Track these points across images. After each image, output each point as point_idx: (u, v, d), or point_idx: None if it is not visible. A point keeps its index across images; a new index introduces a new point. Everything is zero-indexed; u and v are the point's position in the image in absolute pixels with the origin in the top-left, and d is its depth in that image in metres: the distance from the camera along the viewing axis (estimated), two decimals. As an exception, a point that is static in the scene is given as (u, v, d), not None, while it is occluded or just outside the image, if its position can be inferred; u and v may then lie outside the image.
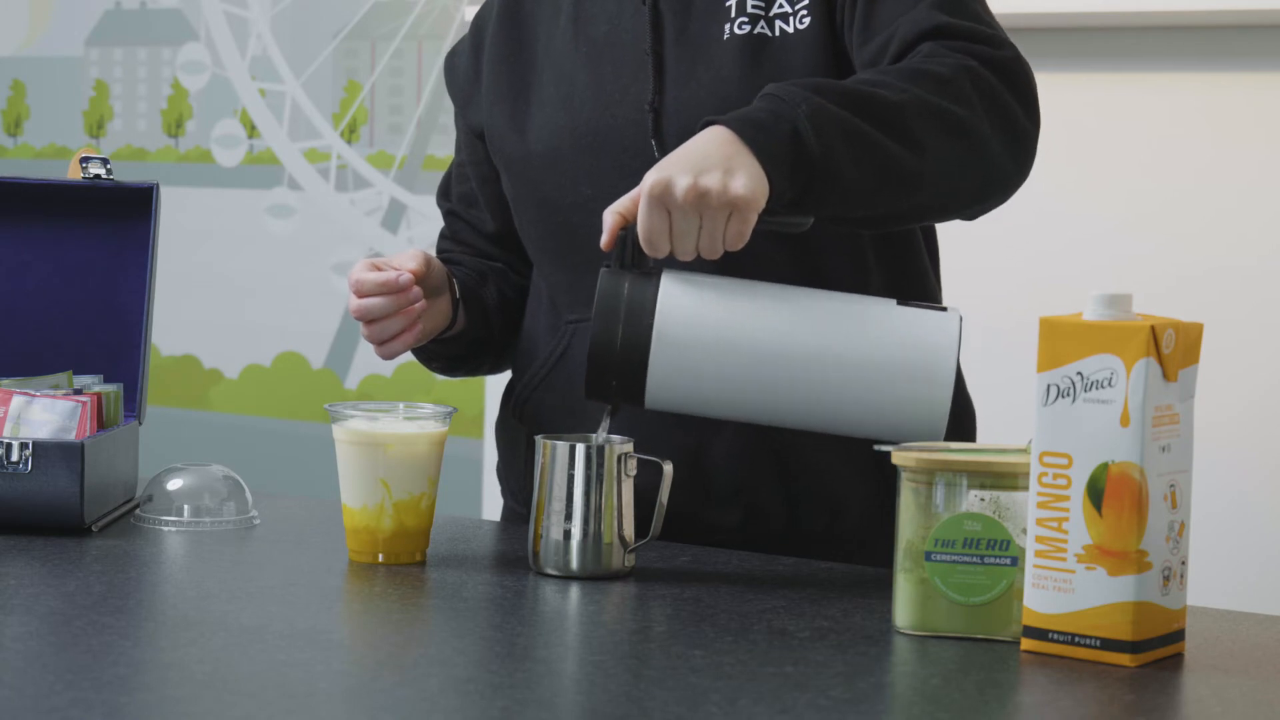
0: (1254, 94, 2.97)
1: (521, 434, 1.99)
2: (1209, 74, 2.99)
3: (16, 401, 1.96)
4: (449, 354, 2.04)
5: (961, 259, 2.35)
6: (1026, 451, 1.51)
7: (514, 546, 1.88)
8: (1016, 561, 1.52)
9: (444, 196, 2.13)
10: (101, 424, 1.99)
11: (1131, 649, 1.45)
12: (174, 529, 1.91)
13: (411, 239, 3.75)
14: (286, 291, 3.90)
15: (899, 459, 1.54)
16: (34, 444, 1.87)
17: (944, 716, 1.35)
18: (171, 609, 1.65)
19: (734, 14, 1.87)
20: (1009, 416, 1.90)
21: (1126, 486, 1.45)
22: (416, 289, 1.88)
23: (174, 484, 1.95)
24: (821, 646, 1.50)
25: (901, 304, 1.72)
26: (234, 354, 3.97)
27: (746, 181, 1.63)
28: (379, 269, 1.88)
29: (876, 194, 1.71)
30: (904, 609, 1.54)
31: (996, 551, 1.52)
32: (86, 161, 2.09)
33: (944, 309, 1.72)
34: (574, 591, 1.69)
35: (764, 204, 1.65)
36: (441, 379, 3.58)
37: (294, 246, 3.90)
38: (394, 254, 2.01)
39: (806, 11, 1.85)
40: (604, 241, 1.70)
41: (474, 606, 1.65)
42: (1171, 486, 1.48)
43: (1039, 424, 1.48)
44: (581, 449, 1.72)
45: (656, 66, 1.89)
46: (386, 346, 1.90)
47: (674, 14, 1.90)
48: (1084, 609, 1.46)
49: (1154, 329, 1.45)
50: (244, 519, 1.95)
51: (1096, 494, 1.46)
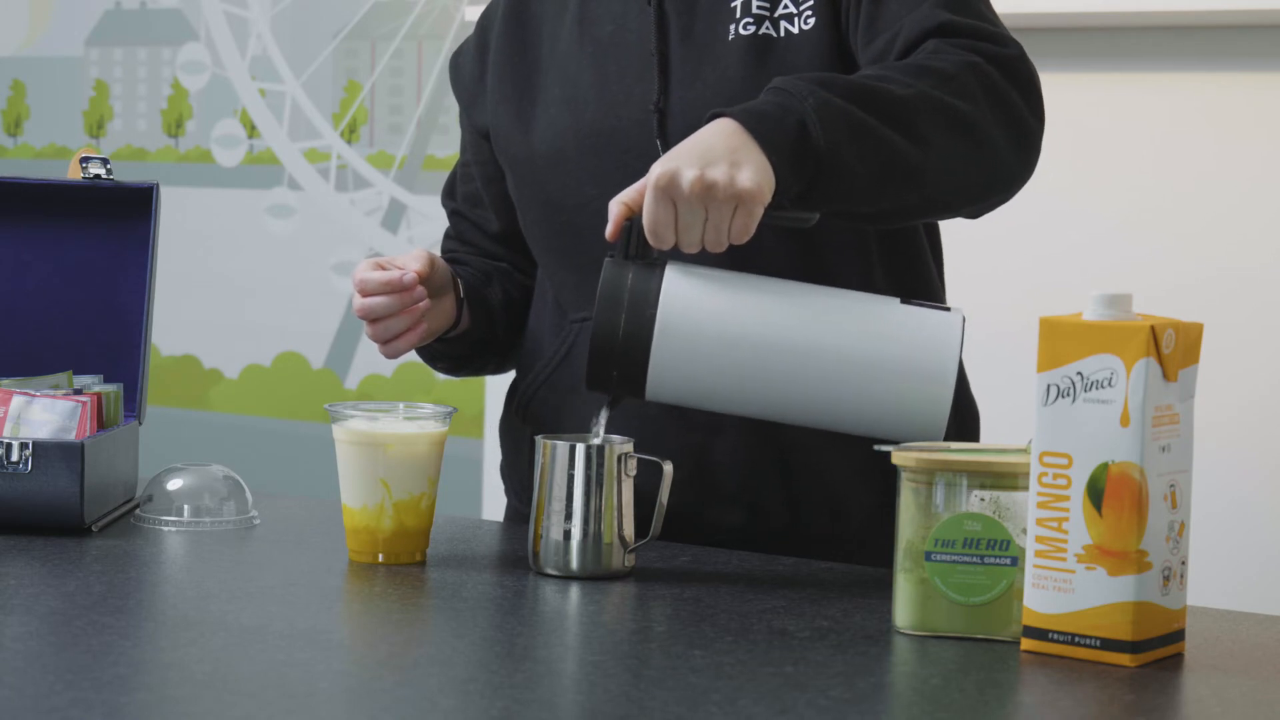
0: (1255, 94, 2.96)
1: (525, 434, 1.98)
2: (1210, 74, 2.99)
3: (16, 401, 1.96)
4: (453, 354, 2.04)
5: (964, 260, 2.34)
6: (1026, 451, 1.51)
7: (514, 546, 1.87)
8: (1016, 561, 1.52)
9: (449, 196, 2.13)
10: (101, 424, 1.99)
11: (1131, 649, 1.45)
12: (174, 529, 1.91)
13: (411, 239, 3.75)
14: (286, 291, 3.90)
15: (899, 459, 1.54)
16: (34, 444, 1.87)
17: (944, 716, 1.34)
18: (171, 609, 1.65)
19: (739, 15, 1.87)
20: (1012, 417, 1.89)
21: (1126, 486, 1.45)
22: (420, 288, 1.88)
23: (174, 484, 1.95)
24: (821, 646, 1.50)
25: (905, 302, 1.71)
26: (234, 354, 3.97)
27: (753, 174, 1.63)
28: (383, 268, 1.89)
29: (882, 188, 1.71)
30: (904, 609, 1.54)
31: (996, 551, 1.52)
32: (86, 161, 2.09)
33: (947, 308, 1.72)
34: (574, 591, 1.69)
35: (770, 197, 1.65)
36: (442, 379, 3.59)
37: (294, 246, 3.90)
38: (397, 254, 2.01)
39: (811, 12, 1.85)
40: (609, 231, 1.69)
41: (474, 606, 1.65)
42: (1171, 486, 1.48)
43: (1039, 424, 1.48)
44: (581, 449, 1.72)
45: (661, 67, 1.89)
46: (390, 346, 1.90)
47: (679, 15, 1.90)
48: (1084, 609, 1.46)
49: (1154, 329, 1.45)
50: (244, 519, 1.95)
51: (1096, 494, 1.46)
